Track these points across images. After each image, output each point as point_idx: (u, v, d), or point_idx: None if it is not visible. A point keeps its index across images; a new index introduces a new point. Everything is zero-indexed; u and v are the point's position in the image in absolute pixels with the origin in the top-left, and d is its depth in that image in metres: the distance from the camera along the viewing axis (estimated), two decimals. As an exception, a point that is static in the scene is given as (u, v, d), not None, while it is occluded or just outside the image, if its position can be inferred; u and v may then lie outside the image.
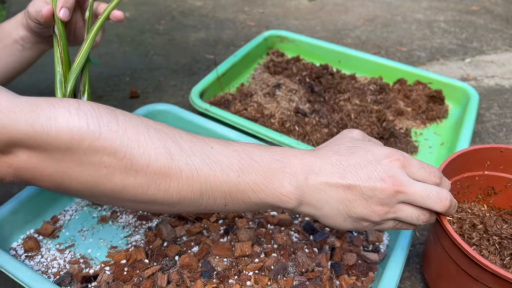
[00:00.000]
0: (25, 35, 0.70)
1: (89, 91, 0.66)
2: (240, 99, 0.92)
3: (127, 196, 0.44)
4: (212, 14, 1.42)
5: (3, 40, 0.70)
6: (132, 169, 0.42)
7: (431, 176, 0.48)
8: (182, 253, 0.62)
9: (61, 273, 0.59)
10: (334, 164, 0.47)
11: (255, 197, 0.46)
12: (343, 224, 0.49)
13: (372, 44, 1.30)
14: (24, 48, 0.72)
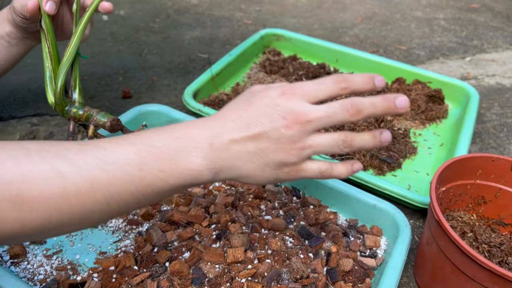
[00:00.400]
0: (11, 31, 0.68)
1: (80, 86, 0.64)
2: (235, 99, 0.89)
3: (31, 232, 0.39)
4: (208, 12, 1.40)
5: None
6: (25, 205, 0.37)
7: (335, 87, 0.45)
8: (172, 259, 0.60)
9: (47, 280, 0.57)
10: (235, 120, 0.45)
11: (166, 185, 0.43)
12: (264, 176, 0.47)
13: (370, 42, 1.28)
14: (11, 44, 0.69)
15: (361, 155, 0.79)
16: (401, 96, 0.45)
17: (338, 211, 0.70)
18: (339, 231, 0.65)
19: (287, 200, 0.70)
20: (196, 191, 0.70)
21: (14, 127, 0.81)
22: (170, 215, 0.64)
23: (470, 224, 0.63)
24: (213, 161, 0.44)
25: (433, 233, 0.55)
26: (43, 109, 0.87)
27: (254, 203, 0.68)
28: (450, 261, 0.53)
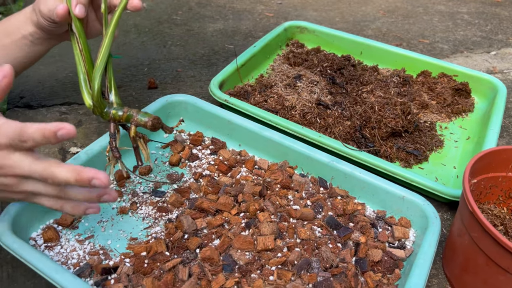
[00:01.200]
0: (35, 31, 0.68)
1: (115, 87, 0.64)
2: (259, 90, 0.90)
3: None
4: (229, 5, 1.40)
5: (11, 35, 0.68)
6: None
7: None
8: (203, 246, 0.61)
9: (80, 264, 0.58)
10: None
11: None
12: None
13: (393, 36, 1.27)
14: (34, 43, 0.69)
15: (387, 147, 0.78)
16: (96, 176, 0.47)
17: (366, 202, 0.69)
18: (367, 222, 0.65)
19: (314, 191, 0.70)
20: (224, 180, 0.70)
21: (44, 115, 0.83)
22: (200, 203, 0.65)
23: (501, 217, 0.63)
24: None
25: (465, 224, 0.55)
26: (71, 98, 0.89)
27: (281, 192, 0.68)
28: (483, 253, 0.52)
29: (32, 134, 0.45)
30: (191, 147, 0.78)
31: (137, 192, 0.69)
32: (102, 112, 0.61)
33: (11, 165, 0.47)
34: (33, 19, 0.67)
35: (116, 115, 0.61)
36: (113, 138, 0.61)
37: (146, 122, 0.61)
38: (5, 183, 0.48)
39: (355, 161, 0.73)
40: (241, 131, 0.77)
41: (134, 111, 0.62)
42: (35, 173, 0.47)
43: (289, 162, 0.74)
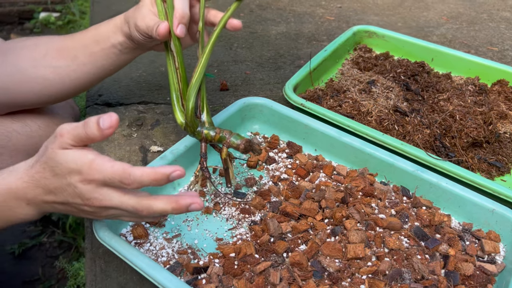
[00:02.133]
0: (124, 41, 0.68)
1: (207, 107, 0.64)
2: (331, 95, 0.89)
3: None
4: (290, 8, 1.40)
5: (101, 44, 0.69)
6: None
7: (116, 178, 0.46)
8: (290, 250, 0.60)
9: (170, 262, 0.59)
10: (44, 187, 0.49)
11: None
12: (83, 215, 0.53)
13: (459, 42, 1.24)
14: (122, 52, 0.70)
15: (468, 157, 0.76)
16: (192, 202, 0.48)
17: (451, 213, 0.68)
18: (454, 234, 0.64)
19: (398, 200, 0.69)
20: (305, 185, 0.70)
21: (123, 114, 0.85)
22: (284, 207, 0.65)
23: None
24: (38, 209, 0.52)
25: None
26: (146, 97, 0.90)
27: (364, 200, 0.67)
28: None
29: (140, 178, 0.45)
30: (268, 150, 0.78)
31: (219, 193, 0.70)
32: (195, 131, 0.62)
33: (98, 198, 0.47)
34: (124, 30, 0.67)
35: (208, 135, 0.62)
36: (204, 158, 0.61)
37: (238, 145, 0.61)
38: (89, 211, 0.50)
39: (437, 170, 0.71)
40: (318, 136, 0.77)
41: (226, 132, 0.61)
42: (128, 206, 0.47)
43: (368, 169, 0.73)
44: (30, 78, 0.70)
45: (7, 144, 0.75)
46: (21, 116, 0.77)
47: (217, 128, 0.62)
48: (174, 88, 0.63)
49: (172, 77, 0.64)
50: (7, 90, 0.70)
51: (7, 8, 2.33)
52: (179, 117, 0.63)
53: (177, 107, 0.63)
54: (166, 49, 0.65)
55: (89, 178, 0.46)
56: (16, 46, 0.72)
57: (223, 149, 0.62)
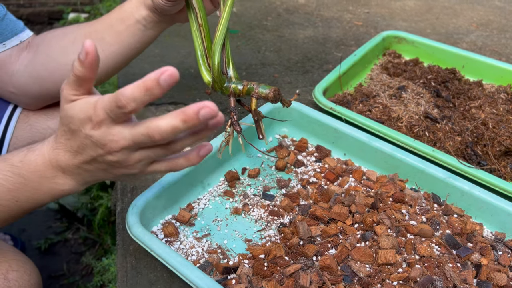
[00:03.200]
0: (148, 15, 0.69)
1: (232, 62, 0.63)
2: (360, 99, 0.89)
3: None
4: (317, 12, 1.40)
5: (126, 21, 0.70)
6: None
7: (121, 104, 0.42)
8: (319, 254, 0.60)
9: (200, 261, 0.60)
10: (69, 149, 0.49)
11: (42, 203, 0.52)
12: (125, 178, 0.53)
13: (490, 50, 1.22)
14: (146, 28, 0.71)
15: (501, 166, 0.75)
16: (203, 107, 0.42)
17: (483, 222, 0.67)
18: (487, 244, 0.63)
19: (429, 207, 0.68)
20: (335, 189, 0.69)
21: (153, 113, 0.86)
22: (313, 210, 0.65)
23: None
24: (74, 178, 0.51)
25: None
26: (176, 97, 0.91)
27: (395, 206, 0.67)
28: None
29: (131, 94, 0.40)
30: (296, 153, 0.78)
31: (247, 194, 0.70)
32: (222, 87, 0.61)
33: (113, 139, 0.44)
34: (147, 3, 0.68)
35: (236, 89, 0.61)
36: (235, 112, 0.61)
37: (267, 94, 0.60)
38: (114, 160, 0.47)
39: (468, 178, 0.70)
40: (348, 140, 0.76)
41: (254, 83, 0.61)
42: (139, 136, 0.43)
43: (399, 175, 0.72)
44: (61, 66, 0.71)
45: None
46: (56, 113, 0.79)
47: (244, 80, 0.62)
48: (198, 46, 0.62)
49: (195, 35, 0.62)
50: (42, 79, 0.72)
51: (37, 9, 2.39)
52: (205, 76, 0.62)
53: (203, 66, 0.62)
54: (188, 9, 0.64)
55: (97, 119, 0.44)
56: (46, 37, 0.74)
57: (252, 100, 0.61)
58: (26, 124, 0.77)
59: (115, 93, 0.42)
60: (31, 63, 0.72)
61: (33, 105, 0.77)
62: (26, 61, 0.72)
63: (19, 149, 0.53)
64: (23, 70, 0.72)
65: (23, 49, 0.73)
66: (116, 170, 0.49)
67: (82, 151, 0.48)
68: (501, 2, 1.56)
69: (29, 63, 0.72)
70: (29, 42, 0.73)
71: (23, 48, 0.73)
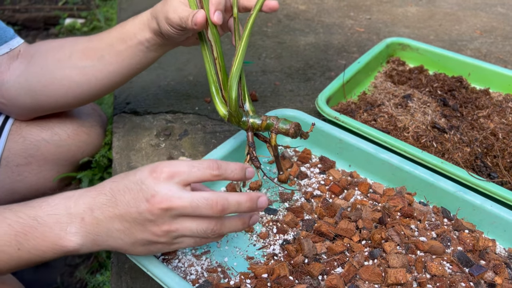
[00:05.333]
0: (151, 38, 0.67)
1: (249, 96, 0.62)
2: (365, 108, 0.86)
3: None
4: (318, 19, 1.38)
5: (127, 41, 0.67)
6: None
7: (206, 172, 0.47)
8: (325, 273, 0.57)
9: (199, 281, 0.56)
10: (107, 193, 0.46)
11: (43, 259, 0.47)
12: (136, 251, 0.48)
13: (495, 57, 1.19)
14: (149, 50, 0.68)
15: (511, 178, 0.72)
16: (262, 196, 0.49)
17: (496, 238, 0.64)
18: (500, 261, 0.60)
19: (439, 222, 0.65)
20: (340, 203, 0.66)
21: (151, 123, 0.83)
22: (319, 226, 0.62)
23: None
24: (85, 235, 0.46)
25: None
26: (175, 106, 0.88)
27: (403, 221, 0.64)
28: None
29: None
30: (299, 165, 0.75)
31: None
32: (240, 121, 0.60)
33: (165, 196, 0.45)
34: (152, 26, 0.65)
35: (254, 124, 0.60)
36: (253, 147, 0.59)
37: (288, 130, 0.59)
38: (153, 219, 0.45)
39: (478, 191, 0.67)
40: (353, 151, 0.73)
41: (273, 118, 0.60)
42: (199, 202, 0.45)
43: (406, 188, 0.69)
44: (55, 80, 0.68)
45: (36, 153, 0.73)
46: (50, 124, 0.76)
47: (262, 115, 0.61)
48: (212, 79, 0.61)
49: (209, 68, 0.61)
50: (34, 92, 0.69)
51: (33, 14, 2.36)
52: (221, 109, 0.61)
53: (217, 99, 0.61)
54: (201, 40, 0.62)
55: (159, 169, 0.46)
56: (41, 48, 0.71)
57: (272, 136, 0.61)
58: (19, 136, 0.74)
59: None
60: (24, 74, 0.69)
61: (24, 116, 0.74)
62: (18, 71, 0.69)
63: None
64: (14, 80, 0.69)
65: (14, 58, 0.70)
66: (139, 234, 0.46)
67: (118, 201, 0.46)
68: (504, 9, 1.55)
69: (22, 74, 0.69)
70: (20, 51, 0.70)
71: (14, 56, 0.70)
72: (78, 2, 2.41)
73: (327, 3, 1.51)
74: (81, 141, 0.78)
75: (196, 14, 0.58)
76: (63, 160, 0.77)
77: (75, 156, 0.79)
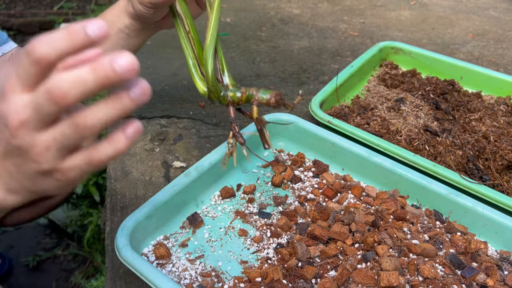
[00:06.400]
0: (130, 23, 0.66)
1: (228, 68, 0.59)
2: (358, 112, 0.86)
3: None
4: (312, 23, 1.38)
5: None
6: None
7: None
8: (318, 276, 0.57)
9: (193, 285, 0.57)
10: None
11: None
12: (42, 189, 0.39)
13: (487, 60, 1.20)
14: (129, 36, 0.68)
15: (503, 181, 0.73)
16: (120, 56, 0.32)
17: (487, 240, 0.64)
18: (492, 263, 0.60)
19: (431, 224, 0.65)
20: (333, 207, 0.67)
21: (145, 127, 0.83)
22: (312, 229, 0.62)
23: None
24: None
25: None
26: (169, 111, 0.89)
27: (396, 224, 0.64)
28: None
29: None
30: (293, 168, 0.76)
31: (244, 212, 0.67)
32: (219, 96, 0.57)
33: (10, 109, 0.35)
34: (129, 10, 0.65)
35: (234, 97, 0.57)
36: (235, 122, 0.57)
37: (268, 100, 0.56)
38: (17, 144, 0.36)
39: (470, 194, 0.68)
40: (346, 155, 0.74)
41: (253, 89, 0.57)
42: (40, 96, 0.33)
43: (399, 191, 0.70)
44: None
45: None
46: None
47: (242, 87, 0.57)
48: (189, 55, 0.58)
49: (184, 43, 0.58)
50: None
51: (28, 19, 2.36)
52: (200, 86, 0.58)
53: (196, 76, 0.58)
54: (174, 17, 0.60)
55: (6, 88, 0.36)
56: None
57: (253, 108, 0.57)
58: None
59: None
60: None
61: None
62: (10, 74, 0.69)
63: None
64: None
65: (5, 62, 0.70)
66: (27, 166, 0.37)
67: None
68: (496, 12, 1.56)
69: None
70: (12, 54, 0.71)
71: (6, 60, 0.70)
72: (74, 7, 2.41)
73: (321, 7, 1.52)
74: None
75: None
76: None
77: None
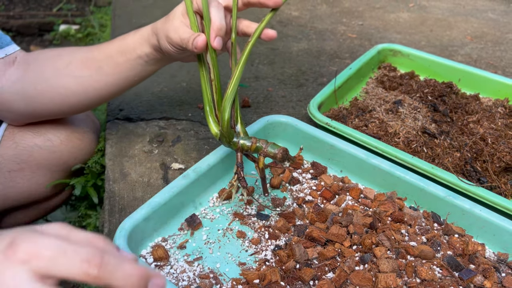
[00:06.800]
0: (151, 53, 0.67)
1: (241, 118, 0.63)
2: (356, 114, 0.87)
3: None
4: (311, 25, 1.39)
5: (127, 54, 0.68)
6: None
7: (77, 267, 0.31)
8: (316, 278, 0.58)
9: (191, 287, 0.57)
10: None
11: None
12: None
13: (485, 63, 1.21)
14: (147, 64, 0.69)
15: (501, 183, 0.73)
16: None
17: (485, 242, 0.64)
18: (490, 265, 0.60)
19: (429, 226, 0.65)
20: (331, 208, 0.67)
21: (144, 129, 0.83)
22: (310, 231, 0.62)
23: None
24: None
25: None
26: (168, 113, 0.89)
27: (394, 226, 0.64)
28: None
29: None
30: (291, 170, 0.76)
31: (242, 213, 0.67)
32: (230, 141, 0.61)
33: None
34: (152, 42, 0.66)
35: (244, 146, 0.61)
36: (241, 168, 0.61)
37: (275, 154, 0.60)
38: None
39: (468, 196, 0.68)
40: (345, 157, 0.74)
41: (262, 142, 0.61)
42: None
43: (397, 193, 0.70)
44: (52, 88, 0.69)
45: (28, 159, 0.73)
46: (43, 130, 0.76)
47: (252, 137, 0.62)
48: (207, 99, 0.62)
49: (205, 88, 0.62)
50: (29, 98, 0.69)
51: (27, 20, 2.36)
52: (213, 128, 0.63)
53: (210, 118, 0.62)
54: (199, 61, 0.63)
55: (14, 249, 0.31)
56: (40, 57, 0.71)
57: (260, 159, 0.62)
58: (12, 142, 0.75)
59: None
60: (20, 81, 0.69)
61: (18, 121, 0.75)
62: (14, 77, 0.70)
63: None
64: (9, 86, 0.69)
65: (9, 64, 0.70)
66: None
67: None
68: (494, 14, 1.56)
69: (18, 80, 0.69)
70: (17, 57, 0.71)
71: (10, 62, 0.70)
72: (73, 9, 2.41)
73: (320, 9, 1.52)
74: (74, 147, 0.78)
75: (197, 37, 0.58)
76: (56, 166, 0.77)
77: (67, 162, 0.79)
